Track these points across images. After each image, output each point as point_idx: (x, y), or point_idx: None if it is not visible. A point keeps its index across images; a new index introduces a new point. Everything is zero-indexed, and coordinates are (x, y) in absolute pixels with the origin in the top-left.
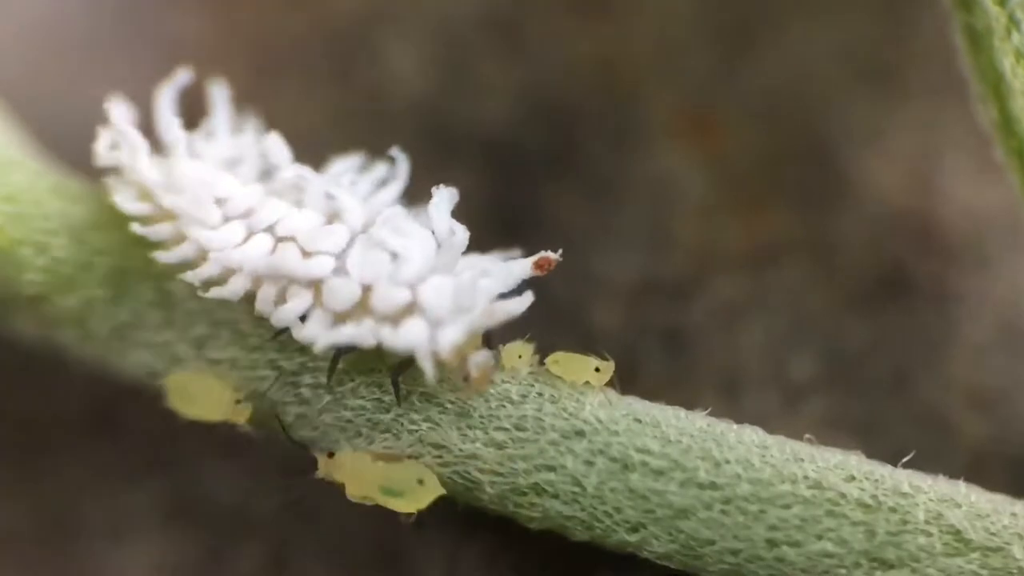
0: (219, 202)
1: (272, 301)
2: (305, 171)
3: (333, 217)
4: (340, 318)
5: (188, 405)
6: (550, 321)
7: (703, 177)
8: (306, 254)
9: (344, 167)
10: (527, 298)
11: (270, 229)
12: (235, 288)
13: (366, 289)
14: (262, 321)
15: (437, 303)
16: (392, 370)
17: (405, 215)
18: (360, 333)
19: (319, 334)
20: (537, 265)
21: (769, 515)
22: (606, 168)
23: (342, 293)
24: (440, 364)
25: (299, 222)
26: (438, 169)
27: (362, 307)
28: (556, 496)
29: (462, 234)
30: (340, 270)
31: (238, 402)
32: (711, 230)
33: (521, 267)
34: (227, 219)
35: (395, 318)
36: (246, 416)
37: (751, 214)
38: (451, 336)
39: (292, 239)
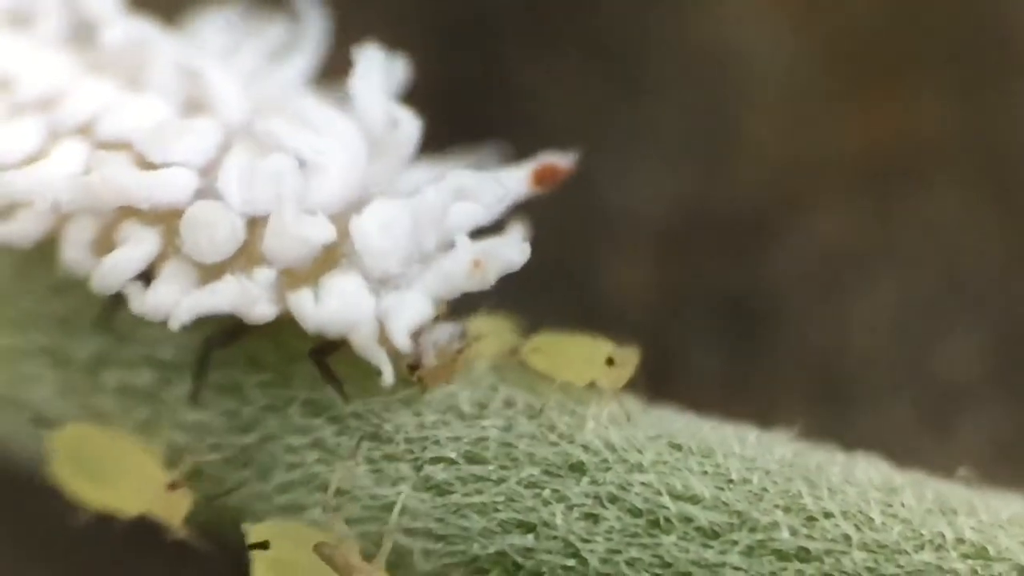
0: None
1: (88, 248)
2: (146, 29)
3: (194, 107)
4: (210, 274)
5: (95, 485)
6: (534, 283)
7: (792, 46)
8: (147, 166)
9: (215, 25)
10: (523, 243)
11: (85, 130)
12: (24, 229)
13: (253, 223)
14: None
15: (381, 246)
16: (312, 350)
17: (314, 102)
18: (246, 295)
19: (175, 301)
20: (538, 176)
21: None
22: (631, 31)
23: (214, 228)
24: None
25: (135, 116)
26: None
27: (247, 254)
28: (537, 575)
29: (410, 125)
30: (207, 192)
31: (173, 486)
32: (804, 131)
33: (514, 180)
34: (12, 112)
35: (310, 272)
36: (183, 509)
37: (869, 105)
38: (413, 307)
39: (123, 145)
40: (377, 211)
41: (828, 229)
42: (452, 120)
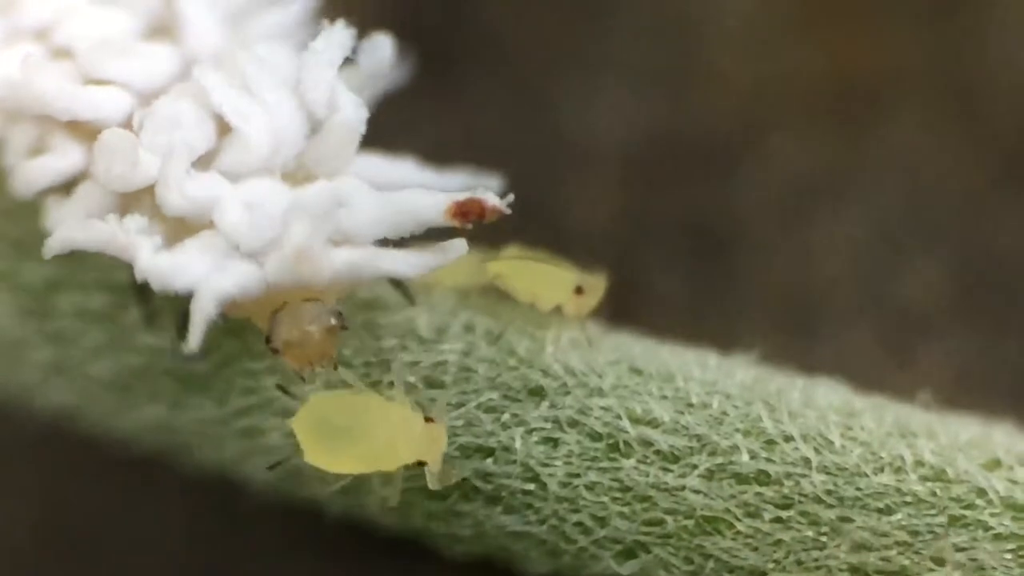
0: None
1: (24, 155)
2: None
3: (161, 32)
4: (118, 207)
5: (349, 450)
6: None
7: None
8: (86, 80)
9: None
10: (424, 260)
11: (44, 34)
12: None
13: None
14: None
15: (238, 220)
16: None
17: (266, 61)
18: (114, 239)
19: (67, 225)
20: (458, 211)
21: (856, 526)
22: None
23: (114, 158)
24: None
25: (92, 26)
26: None
27: (153, 196)
28: (496, 500)
29: (351, 112)
30: (139, 123)
31: (428, 420)
32: (769, 59)
33: (428, 208)
34: None
35: (184, 228)
36: (444, 441)
37: (834, 33)
38: (234, 276)
39: (71, 54)
40: (252, 188)
41: (792, 157)
42: (416, 50)
